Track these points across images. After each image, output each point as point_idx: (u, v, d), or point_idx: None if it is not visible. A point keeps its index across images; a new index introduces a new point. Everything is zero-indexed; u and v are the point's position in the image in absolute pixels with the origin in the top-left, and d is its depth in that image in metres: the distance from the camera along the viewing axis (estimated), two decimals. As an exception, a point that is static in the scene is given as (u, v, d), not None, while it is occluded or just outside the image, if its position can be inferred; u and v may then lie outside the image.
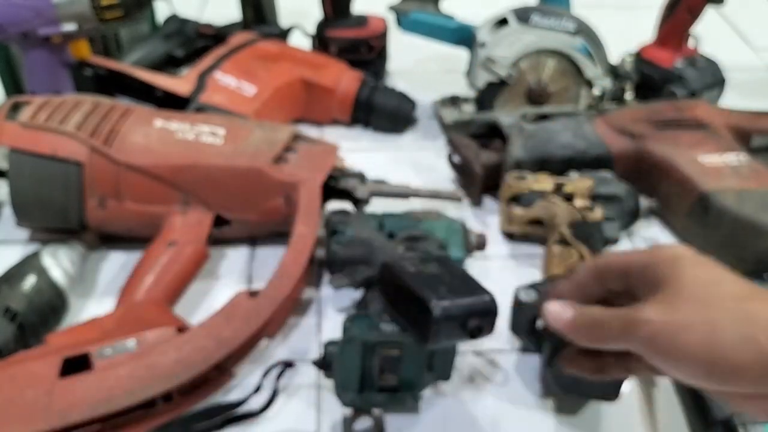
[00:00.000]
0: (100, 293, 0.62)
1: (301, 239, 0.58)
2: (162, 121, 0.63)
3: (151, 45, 0.92)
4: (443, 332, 0.42)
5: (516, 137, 0.72)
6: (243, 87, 0.79)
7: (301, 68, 0.84)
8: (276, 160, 0.63)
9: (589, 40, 0.79)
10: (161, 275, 0.57)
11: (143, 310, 0.55)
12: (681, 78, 0.83)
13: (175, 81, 0.78)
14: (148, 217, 0.62)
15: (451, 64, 0.94)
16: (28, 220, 0.63)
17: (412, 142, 0.85)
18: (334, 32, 0.89)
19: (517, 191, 0.67)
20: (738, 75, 0.92)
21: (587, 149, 0.71)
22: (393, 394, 0.50)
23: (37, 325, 0.55)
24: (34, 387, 0.47)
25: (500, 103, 0.80)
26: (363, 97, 0.84)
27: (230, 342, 0.51)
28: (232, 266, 0.66)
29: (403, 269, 0.46)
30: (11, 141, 0.59)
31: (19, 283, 0.55)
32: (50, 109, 0.61)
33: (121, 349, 0.50)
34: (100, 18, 0.71)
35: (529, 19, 0.78)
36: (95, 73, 0.78)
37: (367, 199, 0.66)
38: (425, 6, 0.88)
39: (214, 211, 0.63)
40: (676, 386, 0.55)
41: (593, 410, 0.53)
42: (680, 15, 0.83)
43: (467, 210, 0.73)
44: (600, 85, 0.80)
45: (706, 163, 0.67)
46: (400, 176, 0.74)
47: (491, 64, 0.78)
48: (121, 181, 0.61)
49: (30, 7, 0.68)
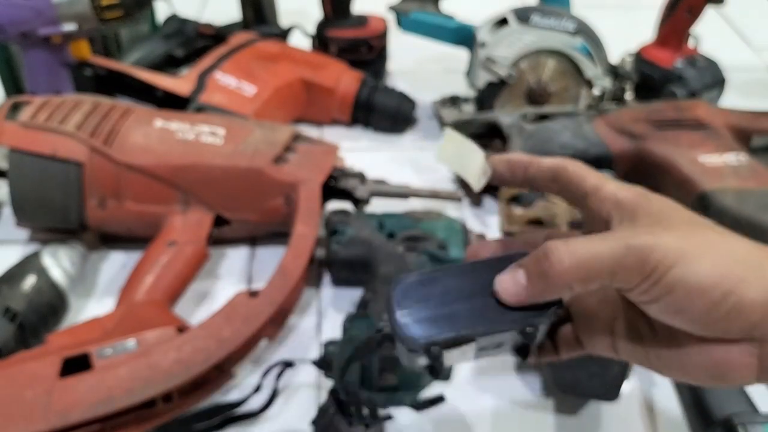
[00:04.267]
0: (100, 293, 0.62)
1: (301, 239, 0.58)
2: (162, 121, 0.63)
3: (151, 45, 0.92)
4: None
5: (516, 137, 0.72)
6: (243, 87, 0.79)
7: (301, 68, 0.84)
8: (276, 160, 0.63)
9: (589, 40, 0.79)
10: (161, 275, 0.57)
11: (143, 310, 0.55)
12: (681, 78, 0.83)
13: (175, 81, 0.78)
14: (148, 217, 0.62)
15: (451, 64, 0.94)
16: (28, 220, 0.63)
17: (412, 142, 0.85)
18: (334, 32, 0.89)
19: (517, 191, 0.67)
20: (738, 75, 0.92)
21: (587, 149, 0.71)
22: (393, 394, 0.50)
23: (37, 325, 0.55)
24: (34, 387, 0.47)
25: (500, 103, 0.80)
26: (363, 97, 0.84)
27: (230, 342, 0.51)
28: (232, 266, 0.66)
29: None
30: (11, 141, 0.59)
31: (19, 283, 0.55)
32: (50, 109, 0.61)
33: (121, 349, 0.50)
34: (100, 18, 0.71)
35: (529, 19, 0.78)
36: (95, 73, 0.78)
37: (367, 199, 0.66)
38: (425, 6, 0.88)
39: (214, 211, 0.63)
40: (676, 386, 0.55)
41: (593, 410, 0.53)
42: (680, 15, 0.83)
43: (467, 210, 0.73)
44: (600, 85, 0.80)
45: (706, 163, 0.67)
46: (400, 176, 0.74)
47: (491, 64, 0.78)
48: (121, 181, 0.61)
49: (30, 7, 0.68)
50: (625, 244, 0.28)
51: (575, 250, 0.29)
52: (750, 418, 0.47)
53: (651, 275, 0.28)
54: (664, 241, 0.28)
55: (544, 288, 0.30)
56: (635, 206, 0.31)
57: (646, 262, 0.28)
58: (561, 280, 0.29)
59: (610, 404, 0.53)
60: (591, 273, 0.29)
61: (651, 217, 0.30)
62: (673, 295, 0.28)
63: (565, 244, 0.29)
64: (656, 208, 0.31)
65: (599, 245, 0.29)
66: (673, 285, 0.28)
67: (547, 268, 0.29)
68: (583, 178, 0.33)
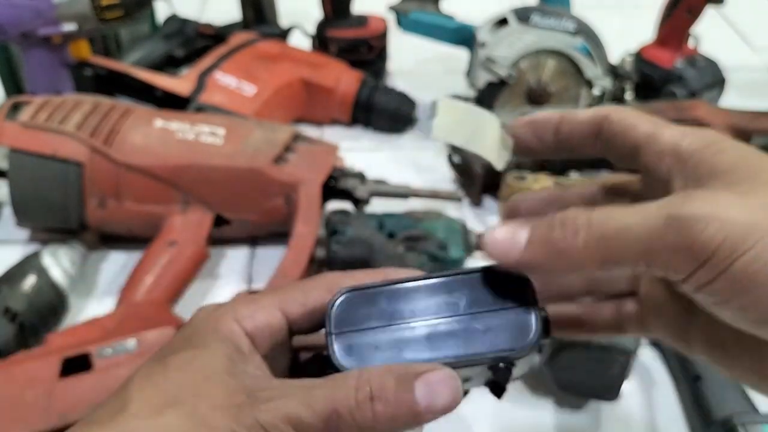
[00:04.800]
0: (100, 293, 0.62)
1: (301, 239, 0.58)
2: (162, 121, 0.63)
3: (151, 45, 0.92)
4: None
5: (516, 137, 0.72)
6: (243, 87, 0.79)
7: (301, 68, 0.84)
8: (276, 160, 0.63)
9: (589, 40, 0.79)
10: (161, 275, 0.57)
11: (143, 310, 0.55)
12: (681, 78, 0.83)
13: (175, 81, 0.78)
14: (148, 217, 0.62)
15: (451, 64, 0.94)
16: (28, 220, 0.63)
17: (412, 142, 0.85)
18: (334, 32, 0.89)
19: (517, 191, 0.67)
20: (738, 75, 0.92)
21: (587, 149, 0.71)
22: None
23: (37, 325, 0.55)
24: (34, 387, 0.47)
25: (500, 103, 0.80)
26: (363, 97, 0.84)
27: (230, 342, 0.51)
28: (232, 266, 0.66)
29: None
30: (11, 141, 0.59)
31: (19, 283, 0.55)
32: (50, 109, 0.61)
33: (121, 349, 0.50)
34: (100, 18, 0.71)
35: (529, 19, 0.78)
36: (95, 73, 0.78)
37: (367, 199, 0.66)
38: (425, 6, 0.88)
39: (214, 211, 0.63)
40: (676, 386, 0.55)
41: (593, 410, 0.53)
42: (680, 15, 0.83)
43: (467, 210, 0.73)
44: (600, 85, 0.80)
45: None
46: (400, 176, 0.74)
47: (491, 64, 0.78)
48: (121, 181, 0.61)
49: (30, 7, 0.68)
50: (666, 215, 0.20)
51: (597, 220, 0.22)
52: (750, 418, 0.47)
53: (708, 262, 0.20)
54: (730, 213, 0.20)
55: (545, 258, 0.23)
56: (699, 160, 0.22)
57: (698, 242, 0.20)
58: (570, 256, 0.22)
59: (610, 404, 0.53)
60: (613, 252, 0.21)
61: (722, 177, 0.22)
62: (749, 294, 0.20)
63: (587, 212, 0.22)
64: (730, 162, 0.22)
65: (632, 215, 0.21)
66: (748, 278, 0.19)
67: (556, 237, 0.22)
68: (633, 126, 0.25)
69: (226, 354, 0.24)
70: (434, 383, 0.22)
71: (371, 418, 0.22)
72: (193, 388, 0.23)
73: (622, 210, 0.22)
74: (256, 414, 0.22)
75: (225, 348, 0.24)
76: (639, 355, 0.55)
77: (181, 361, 0.24)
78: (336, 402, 0.22)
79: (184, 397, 0.22)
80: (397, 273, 0.27)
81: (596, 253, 0.22)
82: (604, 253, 0.22)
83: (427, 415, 0.22)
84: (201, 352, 0.24)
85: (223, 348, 0.24)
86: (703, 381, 0.51)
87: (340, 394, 0.22)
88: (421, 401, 0.22)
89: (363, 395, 0.22)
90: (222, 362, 0.24)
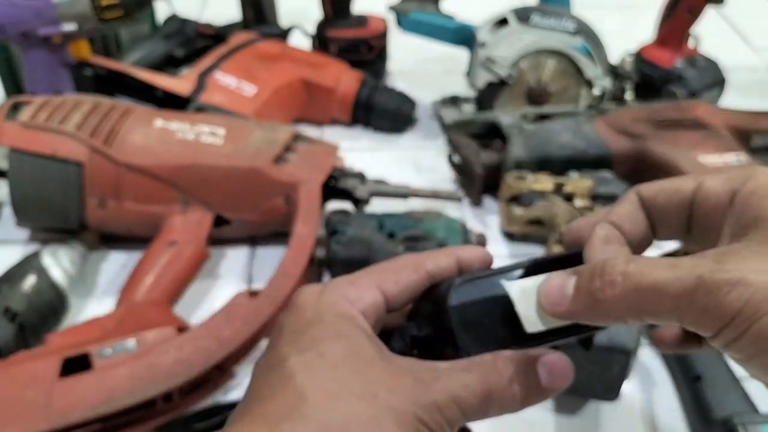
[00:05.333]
0: (100, 293, 0.62)
1: (301, 239, 0.58)
2: (162, 121, 0.63)
3: (151, 45, 0.92)
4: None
5: (516, 137, 0.72)
6: (243, 87, 0.79)
7: (301, 68, 0.84)
8: (276, 160, 0.63)
9: (589, 40, 0.79)
10: (161, 275, 0.57)
11: (143, 310, 0.55)
12: (681, 78, 0.83)
13: (175, 81, 0.78)
14: (148, 217, 0.62)
15: (451, 64, 0.94)
16: (28, 220, 0.63)
17: (412, 142, 0.85)
18: (334, 32, 0.89)
19: (517, 191, 0.67)
20: (738, 75, 0.92)
21: (587, 149, 0.71)
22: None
23: (37, 325, 0.55)
24: (34, 387, 0.47)
25: (500, 103, 0.80)
26: (363, 97, 0.84)
27: (230, 342, 0.51)
28: (232, 266, 0.66)
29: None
30: (11, 141, 0.59)
31: (19, 283, 0.55)
32: (50, 109, 0.61)
33: (121, 349, 0.50)
34: (100, 18, 0.71)
35: (529, 19, 0.78)
36: (95, 73, 0.78)
37: (367, 199, 0.66)
38: (425, 6, 0.88)
39: (214, 211, 0.63)
40: (676, 386, 0.55)
41: (593, 410, 0.53)
42: (680, 15, 0.83)
43: (467, 210, 0.73)
44: (600, 85, 0.80)
45: (706, 164, 0.67)
46: (400, 176, 0.74)
47: (491, 64, 0.78)
48: (121, 181, 0.61)
49: (30, 7, 0.68)
50: (697, 276, 0.21)
51: (635, 274, 0.22)
52: (750, 418, 0.47)
53: (732, 323, 0.20)
54: (756, 277, 0.20)
55: (589, 311, 0.23)
56: (743, 209, 0.23)
57: (723, 305, 0.20)
58: (609, 308, 0.23)
59: (610, 404, 0.53)
60: (648, 307, 0.22)
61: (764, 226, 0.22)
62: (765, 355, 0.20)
63: (627, 262, 0.22)
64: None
65: (666, 272, 0.21)
66: (765, 340, 0.20)
67: (597, 288, 0.23)
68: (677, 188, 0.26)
69: (367, 338, 0.25)
70: (550, 364, 0.26)
71: (511, 397, 0.25)
72: (361, 375, 0.24)
73: (657, 265, 0.22)
74: (433, 395, 0.24)
75: (362, 333, 0.25)
76: (639, 355, 0.56)
77: (336, 350, 0.24)
78: (490, 384, 0.25)
79: (357, 384, 0.23)
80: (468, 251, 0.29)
81: (631, 305, 0.22)
82: (639, 306, 0.22)
83: (551, 392, 0.26)
84: (347, 340, 0.25)
85: (362, 333, 0.25)
86: (703, 381, 0.51)
87: (493, 377, 0.25)
88: (544, 381, 0.26)
89: (507, 378, 0.25)
90: (370, 347, 0.25)
